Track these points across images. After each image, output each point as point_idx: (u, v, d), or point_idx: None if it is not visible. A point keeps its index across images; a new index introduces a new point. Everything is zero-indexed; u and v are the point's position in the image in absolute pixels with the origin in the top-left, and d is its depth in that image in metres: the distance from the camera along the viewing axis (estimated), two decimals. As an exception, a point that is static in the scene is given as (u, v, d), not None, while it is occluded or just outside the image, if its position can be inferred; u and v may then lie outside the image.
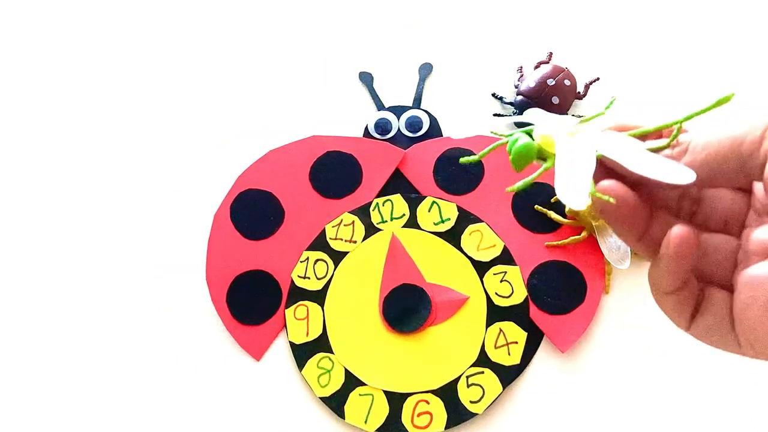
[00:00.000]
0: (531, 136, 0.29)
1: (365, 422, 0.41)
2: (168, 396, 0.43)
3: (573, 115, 0.31)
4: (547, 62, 0.48)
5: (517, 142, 0.28)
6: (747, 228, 0.26)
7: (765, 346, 0.24)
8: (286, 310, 0.44)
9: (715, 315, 0.25)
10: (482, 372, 0.42)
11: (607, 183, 0.26)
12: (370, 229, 0.45)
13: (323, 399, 0.42)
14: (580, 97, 0.48)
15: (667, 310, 0.26)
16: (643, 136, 0.29)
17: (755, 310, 0.23)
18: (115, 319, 0.45)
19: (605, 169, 0.27)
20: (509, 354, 0.42)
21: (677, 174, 0.25)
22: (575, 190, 0.25)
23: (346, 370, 0.43)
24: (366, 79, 0.49)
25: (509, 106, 0.47)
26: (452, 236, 0.44)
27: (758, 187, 0.26)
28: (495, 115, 0.47)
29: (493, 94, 0.48)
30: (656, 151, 0.27)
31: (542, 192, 0.45)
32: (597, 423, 0.41)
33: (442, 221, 0.45)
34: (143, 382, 0.44)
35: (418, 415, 0.41)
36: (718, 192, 0.27)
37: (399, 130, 0.47)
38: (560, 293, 0.43)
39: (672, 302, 0.25)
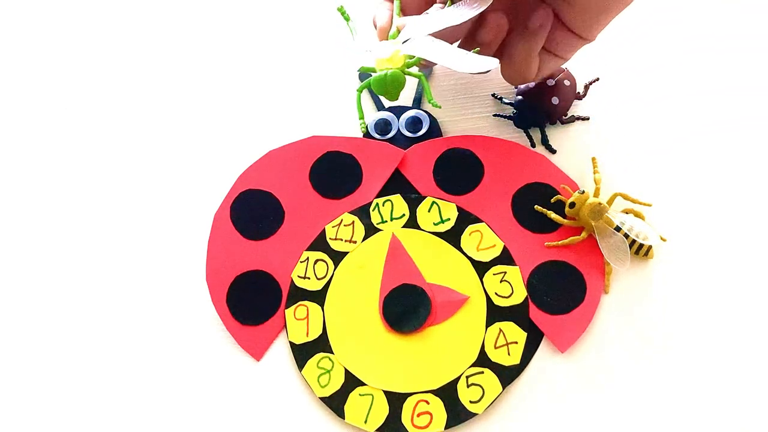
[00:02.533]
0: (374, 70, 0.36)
1: (365, 422, 0.42)
2: (167, 396, 0.43)
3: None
4: (547, 62, 0.48)
5: (383, 76, 0.35)
6: None
7: None
8: (286, 311, 0.44)
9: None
10: (482, 372, 0.42)
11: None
12: (370, 230, 0.45)
13: (323, 399, 0.42)
14: (579, 97, 0.48)
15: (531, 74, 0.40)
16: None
17: None
18: (115, 319, 0.45)
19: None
20: (509, 354, 0.42)
21: (483, 64, 0.33)
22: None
23: (346, 370, 0.43)
24: (366, 79, 0.49)
25: (509, 106, 0.47)
26: (452, 236, 0.44)
27: None
28: (495, 115, 0.47)
29: (493, 95, 0.48)
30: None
31: (542, 192, 0.45)
32: (597, 423, 0.41)
33: (442, 221, 0.45)
34: (143, 382, 0.44)
35: (418, 415, 0.42)
36: None
37: (399, 130, 0.47)
38: (560, 293, 0.43)
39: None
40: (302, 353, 0.43)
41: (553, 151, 0.47)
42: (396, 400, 0.42)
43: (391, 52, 0.36)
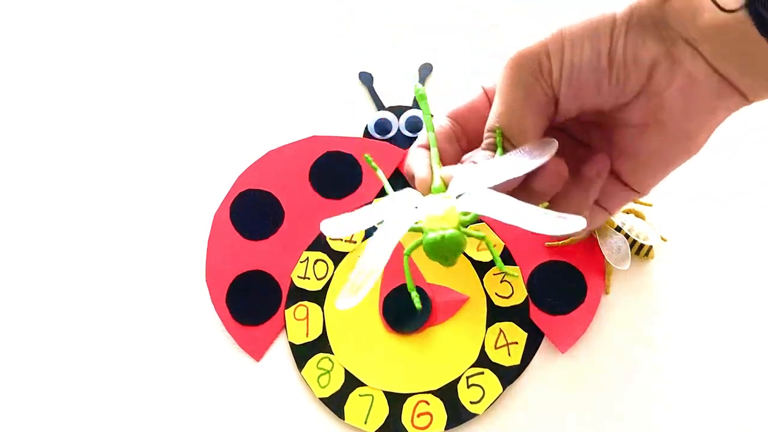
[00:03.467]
0: (422, 230, 0.29)
1: (365, 423, 0.41)
2: (167, 397, 0.43)
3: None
4: (548, 62, 0.48)
5: (439, 238, 0.28)
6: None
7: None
8: (285, 311, 0.44)
9: None
10: (482, 372, 0.42)
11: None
12: (370, 230, 0.45)
13: (323, 399, 0.42)
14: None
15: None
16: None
17: None
18: (114, 320, 0.45)
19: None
20: (509, 354, 0.42)
21: (567, 225, 0.26)
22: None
23: (345, 371, 0.42)
24: (366, 79, 0.49)
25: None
26: (452, 236, 0.44)
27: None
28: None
29: (494, 94, 0.48)
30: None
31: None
32: (597, 423, 0.41)
33: (442, 221, 0.44)
34: (142, 382, 0.43)
35: (418, 416, 0.41)
36: None
37: (399, 130, 0.47)
38: (560, 293, 0.43)
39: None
40: (302, 353, 0.43)
41: (554, 151, 0.46)
42: (396, 400, 0.42)
43: (445, 209, 0.29)
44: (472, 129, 0.32)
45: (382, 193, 0.45)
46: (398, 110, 0.47)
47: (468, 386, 0.42)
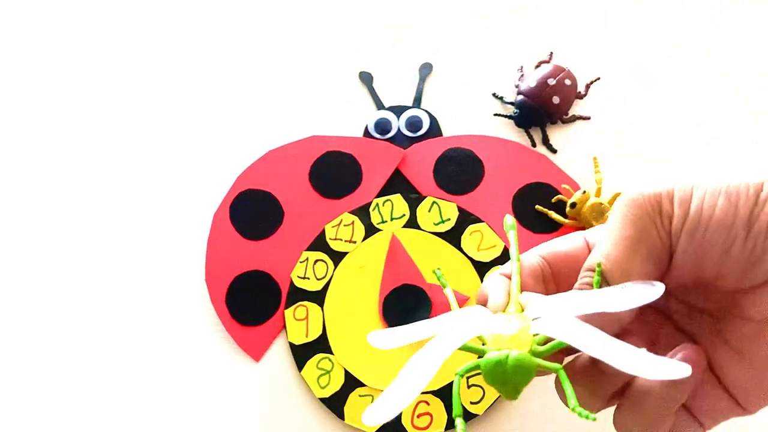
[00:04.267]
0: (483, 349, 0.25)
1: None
2: (166, 397, 0.43)
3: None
4: (548, 62, 0.48)
5: (504, 358, 0.23)
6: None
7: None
8: (285, 311, 0.44)
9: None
10: (483, 373, 0.42)
11: None
12: (370, 230, 0.45)
13: (323, 400, 0.42)
14: (581, 96, 0.47)
15: None
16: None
17: None
18: (114, 320, 0.45)
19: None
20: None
21: (667, 370, 0.21)
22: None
23: (345, 371, 0.42)
24: (366, 78, 0.49)
25: (510, 105, 0.47)
26: (452, 236, 0.44)
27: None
28: (495, 114, 0.47)
29: (494, 94, 0.48)
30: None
31: (543, 192, 0.45)
32: (598, 424, 0.41)
33: (443, 221, 0.44)
34: (141, 383, 0.43)
35: (418, 416, 0.41)
36: None
37: (399, 129, 0.47)
38: (561, 294, 0.43)
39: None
40: (302, 354, 0.43)
41: (554, 151, 0.46)
42: (396, 401, 0.42)
43: (518, 328, 0.24)
44: (565, 276, 0.27)
45: (383, 192, 0.45)
46: (398, 110, 0.47)
47: (468, 386, 0.41)
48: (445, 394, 0.41)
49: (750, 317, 0.24)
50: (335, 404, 0.42)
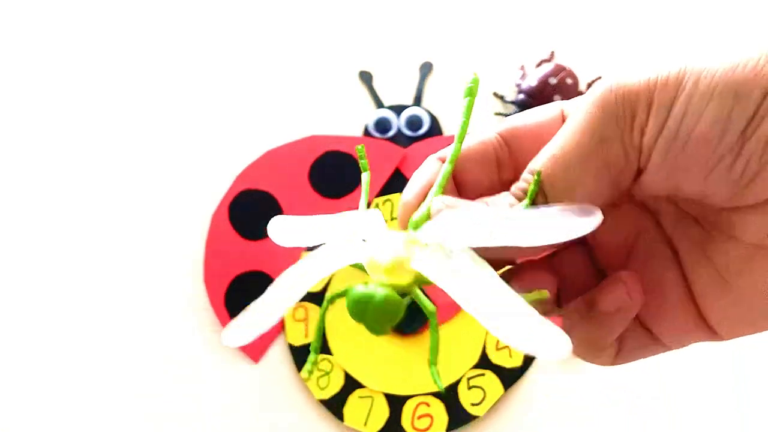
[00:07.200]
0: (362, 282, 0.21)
1: (365, 425, 0.41)
2: (166, 397, 0.43)
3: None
4: (549, 61, 0.48)
5: (365, 296, 0.20)
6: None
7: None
8: (284, 312, 0.43)
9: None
10: (483, 374, 0.41)
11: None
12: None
13: (322, 401, 0.42)
14: (582, 95, 0.47)
15: (604, 361, 0.22)
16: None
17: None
18: (113, 320, 0.44)
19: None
20: (511, 356, 0.42)
21: (547, 347, 0.17)
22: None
23: (345, 373, 0.42)
24: (366, 78, 0.48)
25: (511, 104, 0.47)
26: (453, 236, 0.44)
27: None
28: (497, 113, 0.47)
29: (495, 93, 0.47)
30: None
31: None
32: (598, 424, 0.41)
33: (443, 221, 0.44)
34: (141, 383, 0.43)
35: (419, 418, 0.41)
36: None
37: (399, 128, 0.46)
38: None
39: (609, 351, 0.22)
40: (301, 355, 0.43)
41: (555, 150, 0.46)
42: (396, 402, 0.41)
43: (391, 257, 0.20)
44: (525, 160, 0.21)
45: (383, 191, 0.45)
46: (398, 109, 0.47)
47: (469, 388, 0.41)
48: (445, 396, 0.41)
49: (740, 238, 0.20)
50: (335, 406, 0.42)
